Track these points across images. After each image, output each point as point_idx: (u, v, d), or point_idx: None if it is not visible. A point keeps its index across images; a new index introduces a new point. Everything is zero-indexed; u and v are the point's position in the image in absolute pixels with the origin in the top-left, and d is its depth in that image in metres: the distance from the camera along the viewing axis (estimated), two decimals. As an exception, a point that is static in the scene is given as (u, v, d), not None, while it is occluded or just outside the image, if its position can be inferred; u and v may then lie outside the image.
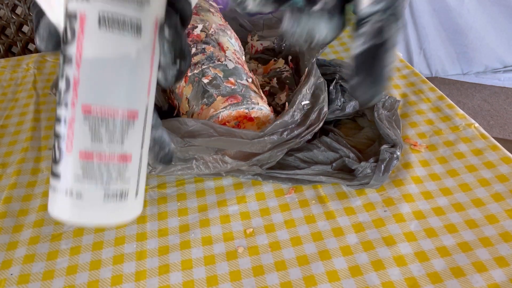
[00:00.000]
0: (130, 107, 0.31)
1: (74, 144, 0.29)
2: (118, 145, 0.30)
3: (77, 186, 0.30)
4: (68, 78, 0.29)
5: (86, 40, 0.29)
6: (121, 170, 0.31)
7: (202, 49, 0.58)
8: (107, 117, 0.30)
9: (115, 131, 0.30)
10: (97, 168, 0.30)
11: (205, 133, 0.50)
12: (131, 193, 0.32)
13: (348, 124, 0.64)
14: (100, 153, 0.30)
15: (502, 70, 1.98)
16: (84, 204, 0.30)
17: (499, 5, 1.79)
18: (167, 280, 0.45)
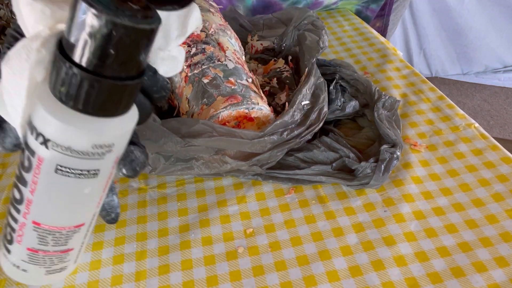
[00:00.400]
0: (77, 223, 0.33)
1: (23, 241, 0.33)
2: (62, 246, 0.34)
3: (23, 265, 0.34)
4: (22, 194, 0.31)
5: (41, 178, 0.29)
6: (63, 257, 0.35)
7: (202, 49, 0.58)
8: (54, 231, 0.32)
9: (60, 238, 0.33)
10: (41, 258, 0.34)
11: (205, 133, 0.50)
12: (71, 265, 0.37)
13: (348, 124, 0.64)
14: (45, 251, 0.33)
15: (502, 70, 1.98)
16: (28, 276, 0.35)
17: (499, 5, 1.79)
18: (167, 280, 0.45)
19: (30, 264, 0.34)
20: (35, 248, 0.33)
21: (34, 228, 0.32)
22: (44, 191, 0.30)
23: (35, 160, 0.28)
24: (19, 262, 0.34)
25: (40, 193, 0.30)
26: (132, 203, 0.55)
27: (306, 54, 0.64)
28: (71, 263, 0.37)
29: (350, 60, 0.80)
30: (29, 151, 0.28)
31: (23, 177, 0.30)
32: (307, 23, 0.71)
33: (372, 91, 0.62)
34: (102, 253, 0.49)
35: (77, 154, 0.27)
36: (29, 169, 0.29)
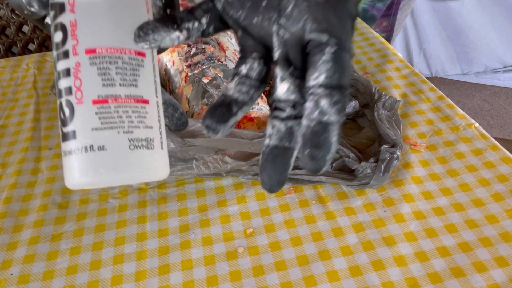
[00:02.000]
0: (136, 46, 0.27)
1: (84, 93, 0.26)
2: (132, 88, 0.27)
3: (98, 137, 0.26)
4: (64, 26, 0.26)
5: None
6: (141, 114, 0.27)
7: (202, 49, 0.58)
8: (115, 57, 0.27)
9: (126, 71, 0.27)
10: (115, 113, 0.26)
11: (205, 133, 0.50)
12: (157, 141, 0.28)
13: (348, 124, 0.64)
14: (115, 96, 0.26)
15: (502, 70, 1.98)
16: (109, 156, 0.26)
17: (499, 5, 1.79)
18: (167, 280, 0.45)
19: (105, 131, 0.26)
20: (103, 95, 0.26)
21: (90, 60, 0.26)
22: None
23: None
24: (91, 137, 0.25)
25: (81, 3, 0.26)
26: (132, 203, 0.55)
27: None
28: (157, 140, 0.28)
29: (350, 60, 0.80)
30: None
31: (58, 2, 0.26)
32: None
33: (372, 91, 0.62)
34: (102, 253, 0.49)
35: None
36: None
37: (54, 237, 0.51)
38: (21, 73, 0.84)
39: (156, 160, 0.28)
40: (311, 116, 0.22)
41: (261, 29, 0.25)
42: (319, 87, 0.22)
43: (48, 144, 0.65)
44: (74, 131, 0.26)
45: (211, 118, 0.26)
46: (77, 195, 0.56)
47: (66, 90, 0.26)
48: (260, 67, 0.26)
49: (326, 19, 0.23)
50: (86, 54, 0.26)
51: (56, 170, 0.60)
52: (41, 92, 0.77)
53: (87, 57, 0.26)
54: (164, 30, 0.26)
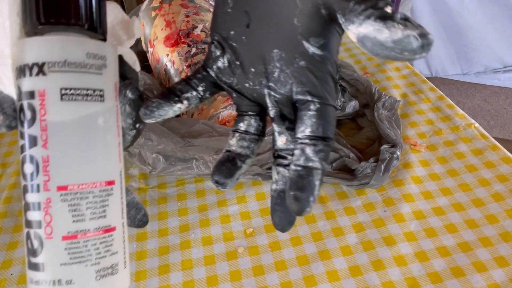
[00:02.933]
0: (107, 178, 0.29)
1: (55, 228, 0.27)
2: (101, 219, 0.28)
3: (65, 273, 0.27)
4: (35, 160, 0.27)
5: (49, 116, 0.26)
6: (108, 244, 0.29)
7: (202, 49, 0.58)
8: (86, 192, 0.27)
9: (96, 204, 0.28)
10: (83, 247, 0.27)
11: (205, 133, 0.50)
12: (121, 265, 0.30)
13: (348, 124, 0.64)
14: (84, 231, 0.27)
15: (502, 70, 1.98)
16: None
17: (499, 5, 1.79)
18: (167, 280, 0.45)
19: (73, 265, 0.27)
20: (72, 231, 0.27)
21: (62, 196, 0.27)
22: (58, 133, 0.27)
23: (37, 99, 0.26)
24: (59, 272, 0.27)
25: (53, 140, 0.27)
26: (132, 203, 0.55)
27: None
28: (121, 263, 0.30)
29: (350, 60, 0.80)
30: (27, 96, 0.27)
31: (30, 135, 0.27)
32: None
33: (372, 91, 0.62)
34: (102, 253, 0.49)
35: (74, 67, 0.27)
36: (34, 117, 0.26)
37: (54, 237, 0.51)
38: (21, 73, 0.84)
39: (118, 280, 0.30)
40: (297, 162, 0.25)
41: (253, 91, 0.28)
42: (306, 138, 0.25)
43: (48, 143, 0.65)
44: (42, 264, 0.27)
45: (219, 174, 0.29)
46: (77, 195, 0.56)
47: (36, 223, 0.27)
48: (256, 123, 0.30)
49: (309, 81, 0.25)
50: (58, 191, 0.27)
51: (56, 170, 0.60)
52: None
53: (59, 194, 0.27)
54: (167, 105, 0.29)
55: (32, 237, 0.27)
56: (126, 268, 0.30)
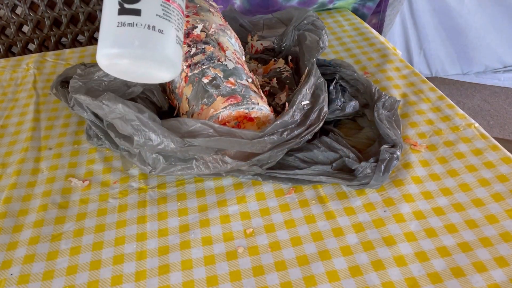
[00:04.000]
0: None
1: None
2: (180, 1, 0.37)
3: (159, 22, 0.34)
4: None
5: None
6: (181, 21, 0.37)
7: (202, 49, 0.58)
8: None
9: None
10: (172, 12, 0.35)
11: (205, 133, 0.50)
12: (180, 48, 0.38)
13: (348, 124, 0.64)
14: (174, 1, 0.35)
15: (502, 70, 1.98)
16: (164, 40, 0.34)
17: (499, 5, 1.79)
18: (167, 280, 0.45)
19: (164, 20, 0.34)
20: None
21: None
22: None
23: None
24: (154, 20, 0.34)
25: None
26: (132, 203, 0.55)
27: (306, 54, 0.64)
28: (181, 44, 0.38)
29: (350, 60, 0.80)
30: None
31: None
32: (307, 23, 0.71)
33: (372, 91, 0.62)
34: (102, 253, 0.49)
35: None
36: None
37: (54, 237, 0.51)
38: (21, 73, 0.84)
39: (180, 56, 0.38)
40: None
41: None
42: None
43: (48, 143, 0.65)
44: (139, 10, 0.33)
45: None
46: (77, 195, 0.56)
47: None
48: None
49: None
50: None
51: (56, 170, 0.60)
52: (41, 92, 0.77)
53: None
54: None
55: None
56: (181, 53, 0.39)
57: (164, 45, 0.35)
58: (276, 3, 0.95)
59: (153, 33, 0.34)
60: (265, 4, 0.95)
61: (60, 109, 0.72)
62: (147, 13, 0.33)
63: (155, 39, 0.34)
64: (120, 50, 0.33)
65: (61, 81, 0.70)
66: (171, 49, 0.36)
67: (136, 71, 0.36)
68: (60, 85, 0.70)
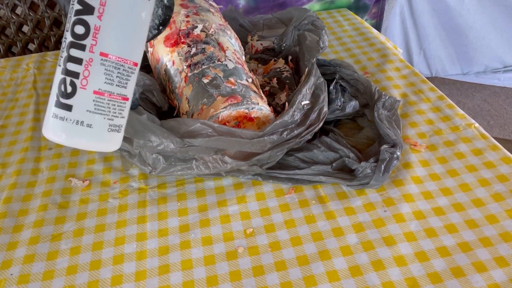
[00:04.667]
0: (135, 59, 0.37)
1: (89, 83, 0.34)
2: (123, 89, 0.36)
3: (88, 118, 0.35)
4: (88, 25, 0.34)
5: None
6: (122, 108, 0.37)
7: (202, 49, 0.58)
8: (119, 65, 0.35)
9: (123, 77, 0.36)
10: (106, 104, 0.35)
11: (205, 133, 0.50)
12: (122, 127, 0.38)
13: (348, 124, 0.64)
14: (110, 93, 0.35)
15: (502, 70, 1.98)
16: (93, 132, 0.35)
17: (499, 5, 1.79)
18: (167, 280, 0.45)
19: (95, 114, 0.35)
20: (102, 90, 0.35)
21: (101, 61, 0.34)
22: (113, 11, 0.34)
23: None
24: (83, 116, 0.35)
25: (108, 15, 0.34)
26: (132, 203, 0.55)
27: (306, 54, 0.64)
28: (123, 127, 0.38)
29: (350, 60, 0.80)
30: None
31: (88, 4, 0.34)
32: (307, 23, 0.71)
33: (372, 91, 0.62)
34: (102, 253, 0.49)
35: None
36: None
37: (54, 237, 0.51)
38: (21, 73, 0.84)
39: (118, 138, 0.39)
40: None
41: None
42: None
43: (48, 144, 0.65)
44: (71, 106, 0.35)
45: None
46: (77, 195, 0.56)
47: (74, 73, 0.34)
48: None
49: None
50: (100, 55, 0.34)
51: (56, 170, 0.60)
52: (41, 92, 0.77)
53: (100, 58, 0.34)
54: None
55: (68, 83, 0.35)
56: (121, 132, 0.39)
57: (90, 138, 0.36)
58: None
59: (80, 128, 0.35)
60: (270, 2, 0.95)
61: (60, 109, 0.72)
62: (77, 108, 0.35)
63: (81, 133, 0.35)
64: (52, 138, 0.36)
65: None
66: (99, 139, 0.36)
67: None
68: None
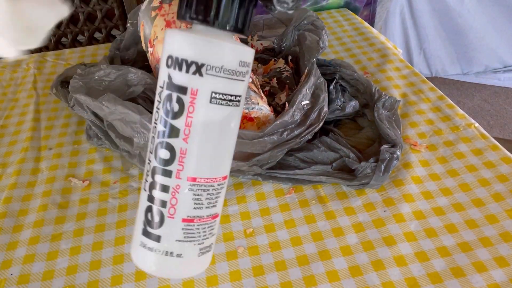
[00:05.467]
0: (225, 173, 0.32)
1: (177, 211, 0.31)
2: (213, 208, 0.32)
3: (178, 248, 0.31)
4: (173, 149, 0.30)
5: (196, 115, 0.29)
6: (212, 227, 0.33)
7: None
8: (209, 186, 0.31)
9: (212, 196, 0.32)
10: (195, 230, 0.32)
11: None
12: (213, 245, 0.34)
13: (348, 124, 0.64)
14: (200, 217, 0.32)
15: (502, 70, 1.98)
16: (184, 262, 0.32)
17: (499, 5, 1.79)
18: (167, 280, 0.45)
19: (185, 243, 0.32)
20: (191, 216, 0.31)
21: (190, 186, 0.31)
22: (200, 131, 0.30)
23: (188, 96, 0.29)
24: (173, 246, 0.31)
25: (195, 136, 0.30)
26: (132, 203, 0.55)
27: (306, 54, 0.64)
28: (214, 241, 0.35)
29: (350, 60, 0.80)
30: (178, 91, 0.29)
31: (173, 126, 0.30)
32: (307, 23, 0.71)
33: (372, 91, 0.62)
34: (102, 253, 0.49)
35: (228, 74, 0.29)
36: (181, 112, 0.29)
37: (54, 237, 0.51)
38: (21, 73, 0.84)
39: (209, 257, 0.34)
40: None
41: None
42: None
43: (48, 144, 0.65)
44: (159, 236, 0.31)
45: None
46: (77, 195, 0.56)
47: (161, 202, 0.31)
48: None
49: None
50: (188, 181, 0.30)
51: (56, 170, 0.60)
52: (41, 92, 0.77)
53: (188, 183, 0.30)
54: None
55: (154, 212, 0.31)
56: (211, 251, 0.35)
57: (181, 267, 0.33)
58: None
59: (170, 259, 0.32)
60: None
61: (60, 109, 0.72)
62: (166, 239, 0.31)
63: (172, 264, 0.32)
64: (142, 268, 0.33)
65: (61, 81, 0.70)
66: (189, 266, 0.33)
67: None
68: (60, 85, 0.70)
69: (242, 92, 0.31)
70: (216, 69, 0.28)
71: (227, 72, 0.29)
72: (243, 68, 0.29)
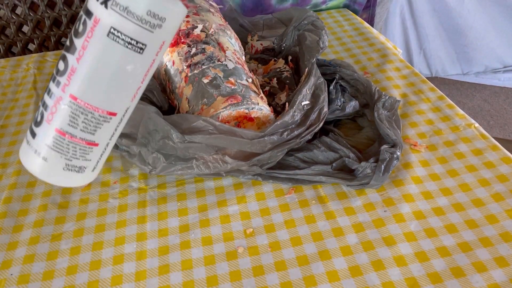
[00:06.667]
0: (111, 109, 0.34)
1: (54, 119, 0.33)
2: (89, 134, 0.34)
3: (45, 151, 0.34)
4: (68, 64, 0.32)
5: (93, 42, 0.31)
6: (86, 152, 0.35)
7: (202, 49, 0.58)
8: (88, 111, 0.33)
9: (90, 123, 0.34)
10: (65, 145, 0.34)
11: (206, 130, 0.50)
12: (89, 169, 0.36)
13: (348, 124, 0.64)
14: (71, 135, 0.34)
15: (502, 70, 1.98)
16: (46, 166, 0.34)
17: (499, 5, 1.79)
18: (167, 280, 0.45)
19: (52, 151, 0.34)
20: (64, 130, 0.33)
21: (69, 103, 0.33)
22: (91, 57, 0.32)
23: (91, 21, 0.31)
24: (41, 147, 0.34)
25: (86, 60, 0.32)
26: (132, 203, 0.55)
27: (306, 54, 0.64)
28: (90, 168, 0.36)
29: (350, 60, 0.80)
30: (86, 14, 0.31)
31: (73, 43, 0.32)
32: (307, 23, 0.71)
33: (372, 91, 0.62)
34: (102, 253, 0.49)
35: (132, 17, 0.30)
36: (82, 33, 0.31)
37: (54, 237, 0.51)
38: (21, 73, 0.84)
39: (82, 177, 0.36)
40: None
41: None
42: None
43: (48, 143, 0.65)
44: (35, 134, 0.34)
45: None
46: (77, 195, 0.56)
47: (45, 105, 0.34)
48: None
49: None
50: (69, 97, 0.33)
51: (56, 170, 0.60)
52: (41, 93, 0.77)
53: (68, 99, 0.33)
54: None
55: (39, 112, 0.34)
56: (93, 172, 0.37)
57: (42, 170, 0.35)
58: (269, 7, 0.95)
59: (36, 158, 0.34)
60: (258, 9, 0.95)
61: (60, 109, 0.72)
62: (39, 138, 0.34)
63: (36, 163, 0.34)
64: (20, 158, 0.36)
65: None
66: (51, 174, 0.35)
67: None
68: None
69: (148, 43, 0.32)
70: (120, 8, 0.30)
71: (131, 15, 0.30)
72: (152, 19, 0.31)
